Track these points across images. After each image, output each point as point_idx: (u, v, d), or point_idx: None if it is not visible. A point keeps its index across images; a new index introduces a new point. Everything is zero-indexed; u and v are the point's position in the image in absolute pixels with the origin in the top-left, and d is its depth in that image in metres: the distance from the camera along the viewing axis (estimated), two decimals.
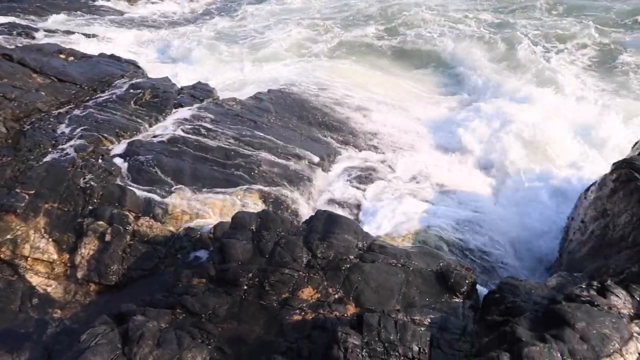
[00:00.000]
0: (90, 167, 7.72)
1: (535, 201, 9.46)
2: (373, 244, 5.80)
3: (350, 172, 9.49)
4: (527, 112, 12.27)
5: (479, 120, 12.10)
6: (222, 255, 5.45)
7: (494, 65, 16.27)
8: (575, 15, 20.31)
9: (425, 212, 8.64)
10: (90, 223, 6.83)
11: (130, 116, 9.28)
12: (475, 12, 21.38)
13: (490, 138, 11.48)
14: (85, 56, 11.49)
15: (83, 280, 6.48)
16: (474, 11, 21.46)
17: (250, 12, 22.81)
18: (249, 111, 10.32)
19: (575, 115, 12.38)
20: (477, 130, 11.75)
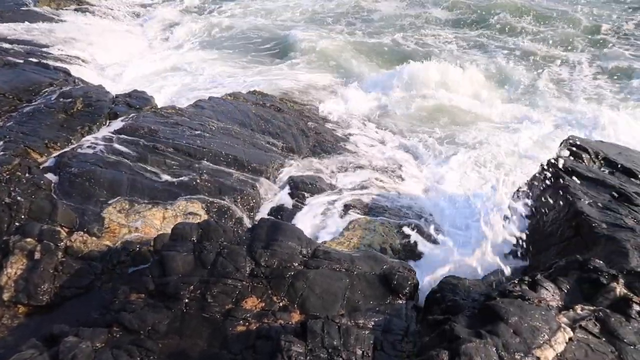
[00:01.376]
0: (17, 181, 7.25)
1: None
2: (317, 250, 5.80)
3: (294, 180, 9.46)
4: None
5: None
6: (162, 269, 5.26)
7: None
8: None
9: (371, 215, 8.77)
10: (17, 241, 6.40)
11: (61, 126, 8.80)
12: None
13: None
14: (8, 63, 10.83)
15: (10, 302, 6.04)
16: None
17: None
18: (189, 119, 10.09)
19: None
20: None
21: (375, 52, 19.70)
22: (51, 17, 20.38)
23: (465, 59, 18.69)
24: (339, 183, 10.20)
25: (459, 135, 13.48)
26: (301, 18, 24.39)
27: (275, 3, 26.69)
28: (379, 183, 10.39)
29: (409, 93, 15.83)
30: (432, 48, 20.11)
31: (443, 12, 24.64)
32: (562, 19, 22.75)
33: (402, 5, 25.95)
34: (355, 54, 19.20)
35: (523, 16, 23.38)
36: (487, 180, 10.88)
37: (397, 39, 21.00)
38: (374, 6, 25.72)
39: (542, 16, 23.33)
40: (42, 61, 12.08)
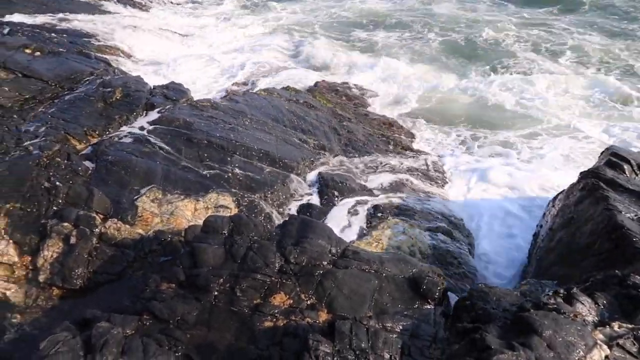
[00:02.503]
0: (56, 166, 7.46)
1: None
2: (347, 250, 5.77)
3: (325, 178, 9.43)
4: None
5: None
6: (193, 260, 5.32)
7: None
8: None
9: (401, 218, 8.67)
10: (55, 225, 6.58)
11: (100, 115, 9.01)
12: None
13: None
14: (52, 52, 11.13)
15: (45, 284, 6.23)
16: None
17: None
18: (224, 113, 10.18)
19: None
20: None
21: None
22: (95, 7, 20.87)
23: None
24: (369, 183, 10.14)
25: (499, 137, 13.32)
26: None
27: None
28: (409, 184, 10.28)
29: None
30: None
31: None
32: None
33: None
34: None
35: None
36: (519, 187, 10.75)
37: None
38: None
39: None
40: (84, 50, 12.38)
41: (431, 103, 15.47)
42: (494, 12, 24.71)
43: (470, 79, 17.32)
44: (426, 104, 15.39)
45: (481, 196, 10.84)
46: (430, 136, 13.35)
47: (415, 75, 17.48)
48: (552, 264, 7.20)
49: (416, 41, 21.10)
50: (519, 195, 10.86)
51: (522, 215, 10.13)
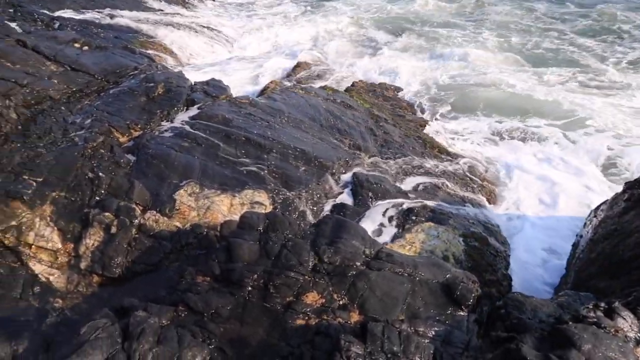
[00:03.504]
0: (100, 157, 7.70)
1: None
2: (380, 252, 5.73)
3: (359, 178, 9.40)
4: None
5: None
6: (228, 255, 5.40)
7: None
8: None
9: (435, 221, 8.56)
10: (97, 214, 6.80)
11: (142, 109, 9.25)
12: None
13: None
14: (99, 47, 11.49)
15: (86, 271, 6.44)
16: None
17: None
18: (262, 110, 10.27)
19: None
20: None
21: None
22: (140, 4, 21.45)
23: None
24: (404, 185, 10.04)
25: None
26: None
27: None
28: (445, 188, 10.13)
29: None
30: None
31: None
32: None
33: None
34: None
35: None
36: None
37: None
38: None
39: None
40: (129, 46, 12.74)
41: (477, 102, 15.29)
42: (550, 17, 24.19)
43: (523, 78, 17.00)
44: (470, 104, 15.23)
45: (519, 203, 10.62)
46: (469, 140, 13.13)
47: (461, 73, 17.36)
48: (592, 276, 6.97)
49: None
50: (558, 203, 10.59)
51: (561, 224, 9.87)
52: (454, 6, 27.09)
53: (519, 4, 26.21)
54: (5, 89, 8.33)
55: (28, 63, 9.39)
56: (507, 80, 16.77)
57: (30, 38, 10.52)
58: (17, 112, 8.25)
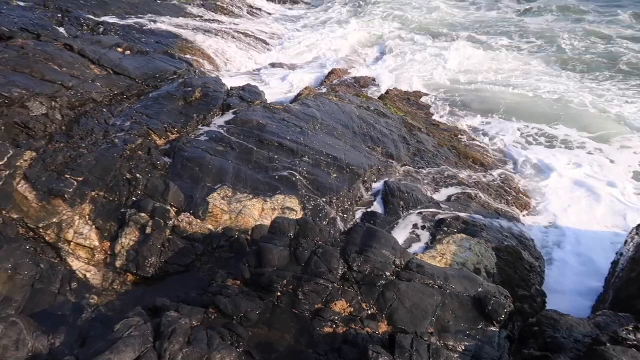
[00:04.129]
0: (138, 159, 7.92)
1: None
2: (411, 262, 5.67)
3: (391, 187, 9.34)
4: None
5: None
6: (259, 259, 5.45)
7: None
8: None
9: (467, 233, 8.41)
10: (133, 214, 6.98)
11: (180, 113, 9.47)
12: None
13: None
14: (141, 51, 11.84)
15: (121, 270, 6.61)
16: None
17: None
18: (295, 117, 10.36)
19: None
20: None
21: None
22: (181, 10, 22.01)
23: None
24: (436, 195, 9.93)
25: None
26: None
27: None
28: (479, 200, 9.95)
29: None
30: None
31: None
32: None
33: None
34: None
35: None
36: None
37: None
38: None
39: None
40: (169, 51, 13.08)
41: (510, 108, 15.01)
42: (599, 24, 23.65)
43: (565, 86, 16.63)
44: (503, 109, 14.96)
45: (555, 217, 10.32)
46: (505, 150, 12.86)
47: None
48: (633, 297, 6.70)
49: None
50: (596, 218, 10.25)
51: (599, 240, 9.53)
52: (495, 14, 26.74)
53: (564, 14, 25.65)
54: (52, 91, 8.68)
55: (74, 66, 9.75)
56: (545, 87, 16.43)
57: (77, 42, 10.94)
58: (62, 113, 8.57)
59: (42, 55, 9.54)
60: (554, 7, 26.77)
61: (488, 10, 27.74)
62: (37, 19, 14.91)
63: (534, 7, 27.10)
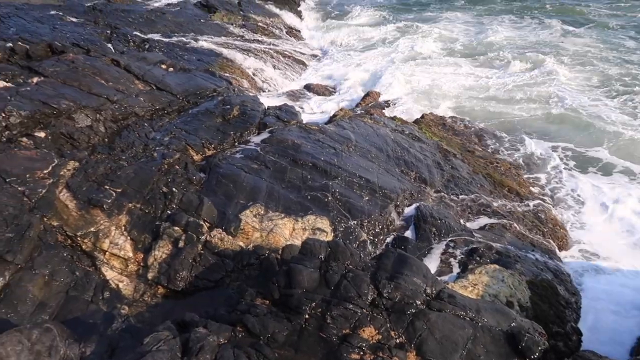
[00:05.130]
0: (174, 173, 8.09)
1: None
2: (442, 292, 5.56)
3: (423, 212, 9.22)
4: None
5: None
6: (288, 280, 5.44)
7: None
8: None
9: (500, 264, 8.19)
10: (167, 227, 7.11)
11: (217, 130, 9.67)
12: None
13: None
14: (183, 68, 12.20)
15: (152, 282, 6.71)
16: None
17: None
18: (330, 138, 10.42)
19: None
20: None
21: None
22: (223, 29, 22.63)
23: None
24: (469, 223, 9.75)
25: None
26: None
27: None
28: (513, 230, 9.71)
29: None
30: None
31: None
32: None
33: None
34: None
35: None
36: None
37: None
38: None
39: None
40: (210, 69, 13.43)
41: (557, 135, 14.71)
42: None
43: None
44: (551, 137, 14.68)
45: (593, 251, 9.96)
46: (542, 179, 12.55)
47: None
48: None
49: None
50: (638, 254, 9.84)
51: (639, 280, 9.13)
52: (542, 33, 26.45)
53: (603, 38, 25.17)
54: (97, 104, 9.02)
55: (119, 81, 10.12)
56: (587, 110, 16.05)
57: (124, 58, 11.37)
58: (106, 125, 8.88)
59: (91, 70, 9.95)
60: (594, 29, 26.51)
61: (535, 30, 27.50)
62: (88, 34, 15.62)
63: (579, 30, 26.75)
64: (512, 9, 32.47)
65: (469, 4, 35.24)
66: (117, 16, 20.09)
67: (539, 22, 28.92)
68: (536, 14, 31.07)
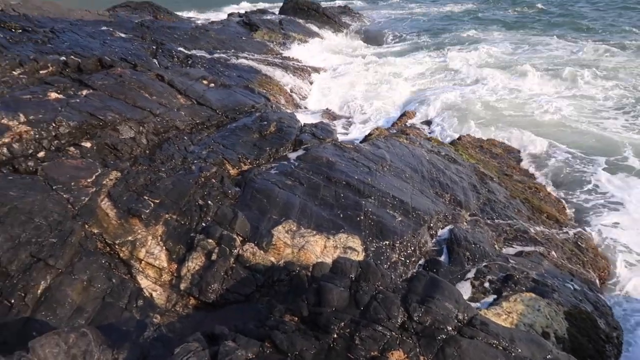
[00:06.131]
0: (210, 187, 8.27)
1: None
2: (474, 318, 5.43)
3: (457, 236, 9.07)
4: None
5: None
6: (318, 298, 5.43)
7: None
8: None
9: (537, 293, 7.94)
10: (201, 239, 7.25)
11: (254, 145, 9.85)
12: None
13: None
14: (223, 84, 12.52)
15: (184, 292, 6.83)
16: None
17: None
18: (364, 156, 10.43)
19: None
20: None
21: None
22: (263, 46, 23.15)
23: None
24: (505, 249, 9.51)
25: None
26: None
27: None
28: (551, 258, 9.41)
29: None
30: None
31: None
32: None
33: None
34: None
35: None
36: None
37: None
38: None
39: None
40: (249, 85, 13.74)
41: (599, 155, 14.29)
42: None
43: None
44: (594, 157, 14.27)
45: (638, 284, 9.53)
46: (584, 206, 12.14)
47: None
48: None
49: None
50: None
51: None
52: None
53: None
54: (141, 117, 9.35)
55: (163, 95, 10.48)
56: None
57: (168, 73, 11.78)
58: (148, 138, 9.19)
59: (136, 84, 10.35)
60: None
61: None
62: (135, 49, 16.27)
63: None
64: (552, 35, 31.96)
65: (506, 29, 35.00)
66: (163, 32, 20.88)
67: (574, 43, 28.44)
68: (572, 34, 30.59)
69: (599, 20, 34.72)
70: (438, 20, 40.90)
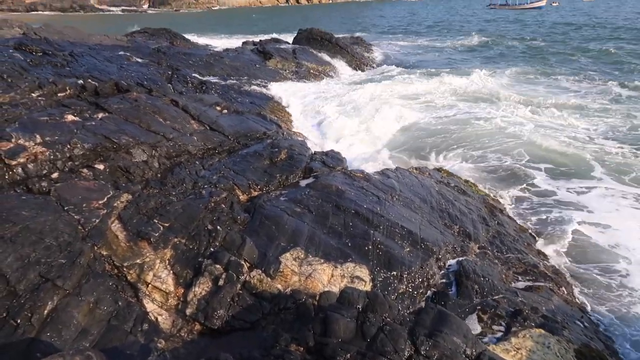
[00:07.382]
0: (220, 212, 8.31)
1: None
2: (482, 354, 5.34)
3: (466, 268, 8.98)
4: None
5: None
6: (324, 328, 5.39)
7: None
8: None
9: (547, 329, 7.80)
10: (209, 265, 7.24)
11: (264, 172, 9.93)
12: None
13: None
14: (236, 111, 12.71)
15: (190, 318, 6.79)
16: None
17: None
18: (374, 186, 10.45)
19: None
20: None
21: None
22: (276, 74, 23.54)
23: None
24: (515, 283, 9.38)
25: None
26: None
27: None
28: (562, 294, 9.27)
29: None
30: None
31: None
32: None
33: None
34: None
35: None
36: None
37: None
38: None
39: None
40: (262, 112, 13.93)
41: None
42: None
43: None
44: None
45: None
46: (594, 238, 11.96)
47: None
48: None
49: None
50: None
51: None
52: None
53: None
54: (154, 141, 9.50)
55: (177, 120, 10.66)
56: None
57: (182, 98, 12.00)
58: (160, 161, 9.30)
59: (151, 108, 10.54)
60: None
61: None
62: (151, 74, 16.62)
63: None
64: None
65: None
66: (178, 58, 21.33)
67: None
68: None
69: None
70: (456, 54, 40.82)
